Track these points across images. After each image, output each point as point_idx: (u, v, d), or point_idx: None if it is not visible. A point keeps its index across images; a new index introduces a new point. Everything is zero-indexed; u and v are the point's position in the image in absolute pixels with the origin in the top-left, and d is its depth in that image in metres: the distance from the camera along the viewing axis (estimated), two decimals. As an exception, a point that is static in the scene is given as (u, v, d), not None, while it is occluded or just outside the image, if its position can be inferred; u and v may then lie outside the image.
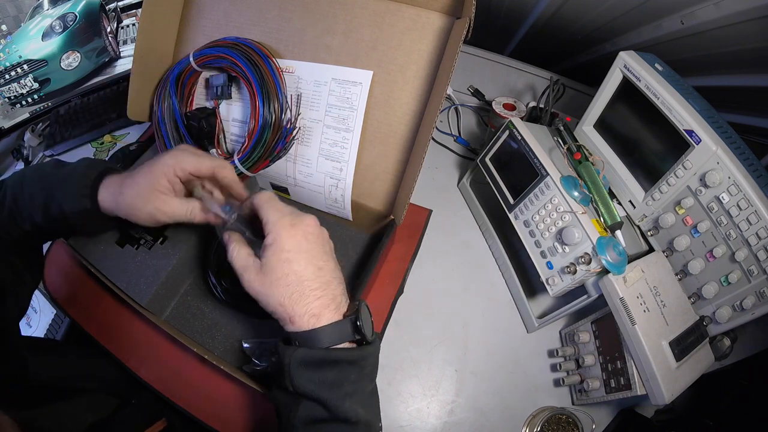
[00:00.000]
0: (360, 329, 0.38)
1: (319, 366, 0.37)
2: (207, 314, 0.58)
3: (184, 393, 0.55)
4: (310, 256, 0.39)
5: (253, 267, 0.39)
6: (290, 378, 0.36)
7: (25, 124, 0.91)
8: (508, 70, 1.00)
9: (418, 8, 0.52)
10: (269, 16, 0.59)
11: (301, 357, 0.36)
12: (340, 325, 0.38)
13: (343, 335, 0.38)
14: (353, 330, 0.38)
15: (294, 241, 0.39)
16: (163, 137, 0.61)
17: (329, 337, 0.37)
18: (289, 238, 0.39)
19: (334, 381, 0.36)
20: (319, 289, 0.38)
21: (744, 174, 0.49)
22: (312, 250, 0.39)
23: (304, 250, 0.39)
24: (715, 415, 0.57)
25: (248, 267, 0.39)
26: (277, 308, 0.38)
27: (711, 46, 0.70)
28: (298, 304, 0.37)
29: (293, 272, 0.38)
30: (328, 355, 0.37)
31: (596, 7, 0.82)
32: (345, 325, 0.38)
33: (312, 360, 0.36)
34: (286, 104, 0.57)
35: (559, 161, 0.62)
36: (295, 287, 0.38)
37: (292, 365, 0.36)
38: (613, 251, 0.52)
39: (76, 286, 0.62)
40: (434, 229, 0.70)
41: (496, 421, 0.61)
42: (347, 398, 0.36)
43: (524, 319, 0.68)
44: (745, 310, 0.50)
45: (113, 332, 0.59)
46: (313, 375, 0.36)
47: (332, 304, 0.39)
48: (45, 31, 0.85)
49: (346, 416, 0.36)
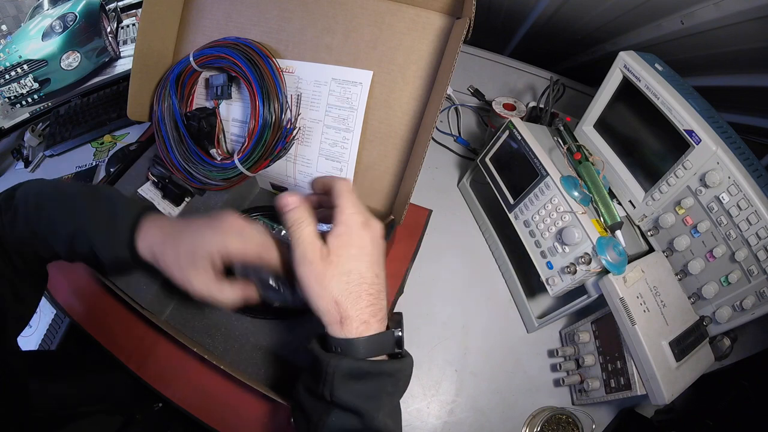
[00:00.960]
0: (401, 343, 0.37)
1: (362, 378, 0.35)
2: (207, 314, 0.58)
3: (184, 393, 0.55)
4: (373, 260, 0.38)
5: (319, 251, 0.36)
6: (330, 388, 0.35)
7: (25, 124, 0.91)
8: (508, 70, 1.00)
9: (418, 8, 0.52)
10: (269, 16, 0.59)
11: (347, 368, 0.35)
12: (385, 337, 0.37)
13: (386, 347, 0.37)
14: (395, 343, 0.37)
15: (366, 239, 0.37)
16: (163, 137, 0.61)
17: (374, 347, 0.36)
18: (360, 236, 0.37)
19: (373, 393, 0.35)
20: (373, 295, 0.37)
21: (744, 174, 0.49)
22: (374, 255, 0.38)
23: (369, 253, 0.37)
24: (715, 415, 0.57)
25: (315, 249, 0.36)
26: (330, 305, 0.36)
27: (711, 46, 0.70)
28: (354, 306, 0.36)
29: (357, 270, 0.36)
30: (372, 368, 0.35)
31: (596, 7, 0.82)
32: (389, 337, 0.37)
33: (358, 372, 0.35)
34: (286, 104, 0.57)
35: (559, 161, 0.62)
36: (355, 287, 0.36)
37: (336, 375, 0.34)
38: (613, 251, 0.52)
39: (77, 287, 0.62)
40: (434, 229, 0.70)
41: (496, 421, 0.61)
42: (381, 410, 0.35)
43: (524, 319, 0.68)
44: (745, 310, 0.50)
45: (114, 333, 0.59)
46: (356, 387, 0.35)
47: (380, 313, 0.37)
48: (45, 31, 0.85)
49: (377, 428, 0.35)
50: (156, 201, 0.64)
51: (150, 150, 0.68)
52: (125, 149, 0.86)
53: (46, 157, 0.91)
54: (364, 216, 0.38)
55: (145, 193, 0.64)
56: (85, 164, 0.88)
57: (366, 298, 0.36)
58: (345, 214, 0.37)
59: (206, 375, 0.55)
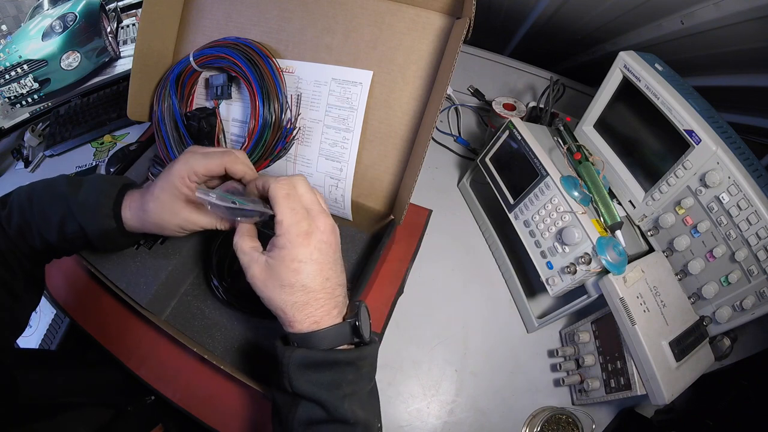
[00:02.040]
0: (359, 332, 0.38)
1: (317, 367, 0.37)
2: (207, 314, 0.58)
3: (184, 393, 0.55)
4: (320, 267, 0.38)
5: (257, 263, 0.38)
6: (289, 379, 0.36)
7: (25, 124, 0.91)
8: (508, 70, 1.00)
9: (418, 8, 0.52)
10: (269, 16, 0.59)
11: (300, 358, 0.36)
12: (339, 328, 0.38)
13: (343, 338, 0.38)
14: (352, 332, 0.38)
15: (306, 251, 0.37)
16: (163, 137, 0.61)
17: (328, 339, 0.37)
18: (302, 247, 0.37)
19: (331, 382, 0.36)
20: (323, 299, 0.38)
21: (744, 174, 0.49)
22: (322, 261, 0.38)
23: (315, 260, 0.37)
24: (715, 415, 0.57)
25: (253, 262, 0.38)
26: (278, 311, 0.38)
27: (711, 46, 0.70)
28: (300, 312, 0.37)
29: (300, 283, 0.37)
30: (326, 357, 0.37)
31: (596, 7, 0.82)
32: (344, 327, 0.38)
33: (310, 361, 0.36)
34: (286, 104, 0.57)
35: (559, 161, 0.62)
36: (300, 297, 0.37)
37: (291, 366, 0.36)
38: (613, 251, 0.52)
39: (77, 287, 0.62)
40: (434, 229, 0.70)
41: (496, 421, 0.61)
42: (345, 399, 0.36)
43: (524, 319, 0.68)
44: (745, 310, 0.50)
45: (113, 332, 0.59)
46: (311, 376, 0.36)
47: (334, 310, 0.38)
48: (45, 31, 0.85)
49: (344, 417, 0.36)
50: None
51: (150, 150, 0.68)
52: (125, 149, 0.86)
53: (46, 157, 0.91)
54: (306, 223, 0.37)
55: (145, 193, 0.64)
56: (85, 164, 0.88)
57: (314, 303, 0.37)
58: (283, 226, 0.37)
59: (206, 375, 0.55)
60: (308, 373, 0.36)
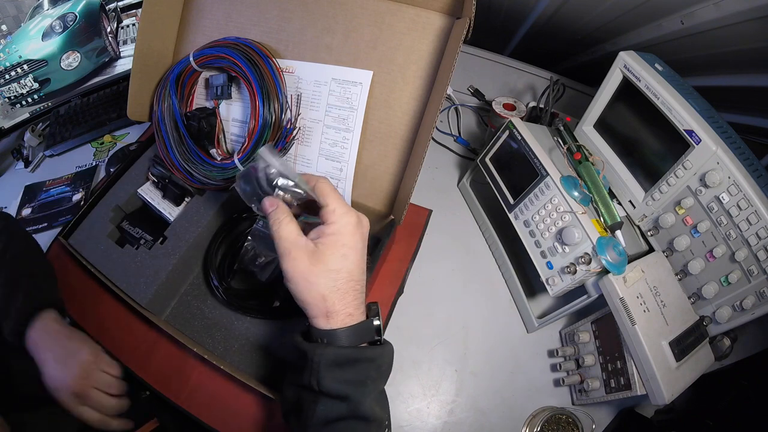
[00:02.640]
0: (380, 331, 0.39)
1: (346, 365, 0.37)
2: (207, 314, 0.58)
3: (184, 393, 0.55)
4: (361, 257, 0.40)
5: (303, 249, 0.38)
6: (317, 377, 0.36)
7: (25, 124, 0.91)
8: (508, 70, 1.00)
9: (418, 8, 0.52)
10: (269, 16, 0.59)
11: (332, 355, 0.36)
12: (365, 325, 0.39)
13: (368, 335, 0.39)
14: (375, 331, 0.39)
15: (354, 240, 0.39)
16: (163, 137, 0.61)
17: (356, 336, 0.38)
18: (352, 235, 0.39)
19: (358, 379, 0.37)
20: (358, 290, 0.39)
21: (744, 174, 0.49)
22: (363, 252, 0.40)
23: (360, 250, 0.39)
24: (715, 415, 0.57)
25: (299, 246, 0.38)
26: (317, 300, 0.37)
27: (711, 46, 0.70)
28: (341, 301, 0.38)
29: (346, 269, 0.38)
30: (356, 354, 0.37)
31: (596, 7, 0.82)
32: (369, 325, 0.39)
33: (342, 359, 0.37)
34: (286, 104, 0.57)
35: (559, 161, 0.62)
36: (343, 284, 0.38)
37: (322, 364, 0.36)
38: (613, 251, 0.52)
39: (77, 286, 0.61)
40: (434, 229, 0.70)
41: (496, 421, 0.61)
42: (367, 396, 0.37)
43: (524, 319, 0.68)
44: (745, 310, 0.50)
45: (113, 332, 0.59)
46: (340, 374, 0.36)
47: (362, 306, 0.40)
48: (45, 31, 0.85)
49: (364, 414, 0.36)
50: (156, 201, 0.64)
51: (150, 150, 0.68)
52: (125, 149, 0.86)
53: (46, 157, 0.91)
54: (356, 215, 0.40)
55: (145, 193, 0.64)
56: (85, 164, 0.88)
57: (352, 293, 0.38)
58: (336, 214, 0.39)
59: (206, 375, 0.55)
60: (337, 370, 0.36)
